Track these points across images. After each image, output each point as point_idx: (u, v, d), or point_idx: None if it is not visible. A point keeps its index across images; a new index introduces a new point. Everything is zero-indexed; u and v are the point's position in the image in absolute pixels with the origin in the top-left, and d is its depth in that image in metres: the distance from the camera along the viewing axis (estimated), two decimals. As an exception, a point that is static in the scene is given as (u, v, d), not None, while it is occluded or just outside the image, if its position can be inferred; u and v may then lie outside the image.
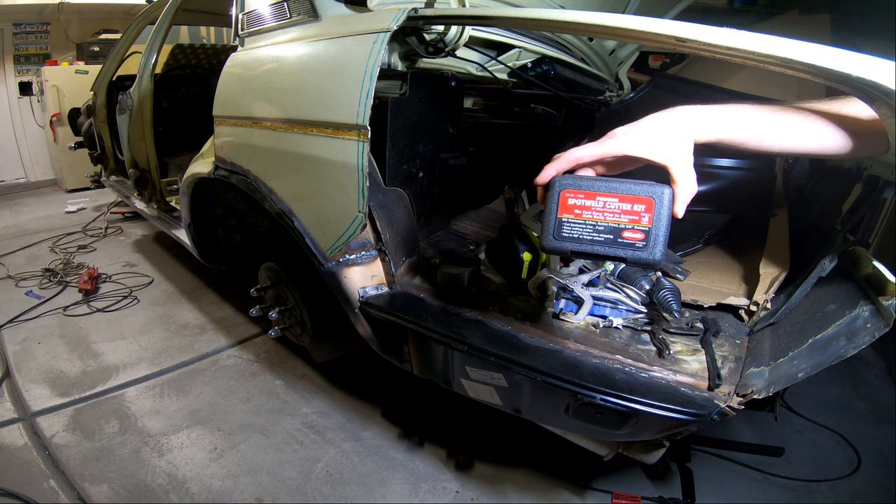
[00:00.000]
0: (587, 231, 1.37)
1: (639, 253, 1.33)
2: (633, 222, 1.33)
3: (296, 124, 2.34)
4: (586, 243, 1.37)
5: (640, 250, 1.33)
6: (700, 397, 1.69)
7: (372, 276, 2.33)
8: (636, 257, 1.34)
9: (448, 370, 2.15)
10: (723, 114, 1.36)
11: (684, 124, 1.34)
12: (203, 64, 6.34)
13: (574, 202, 1.36)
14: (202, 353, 3.85)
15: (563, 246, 1.38)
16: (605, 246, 1.36)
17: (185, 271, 5.33)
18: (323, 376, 3.55)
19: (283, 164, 2.49)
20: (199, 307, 4.58)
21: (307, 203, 2.40)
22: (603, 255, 1.37)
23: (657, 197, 1.30)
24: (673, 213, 1.30)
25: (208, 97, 2.91)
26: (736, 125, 1.36)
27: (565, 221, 1.38)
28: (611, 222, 1.35)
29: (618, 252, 1.35)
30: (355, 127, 2.05)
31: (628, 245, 1.34)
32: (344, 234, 2.22)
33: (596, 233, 1.36)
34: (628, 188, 1.32)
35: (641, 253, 1.33)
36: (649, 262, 1.34)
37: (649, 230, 1.32)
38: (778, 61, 1.30)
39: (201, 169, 3.09)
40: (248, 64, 2.78)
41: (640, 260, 1.34)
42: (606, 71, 3.93)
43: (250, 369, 3.65)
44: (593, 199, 1.35)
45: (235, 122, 2.73)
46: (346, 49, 2.20)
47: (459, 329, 2.03)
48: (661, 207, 1.30)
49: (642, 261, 1.34)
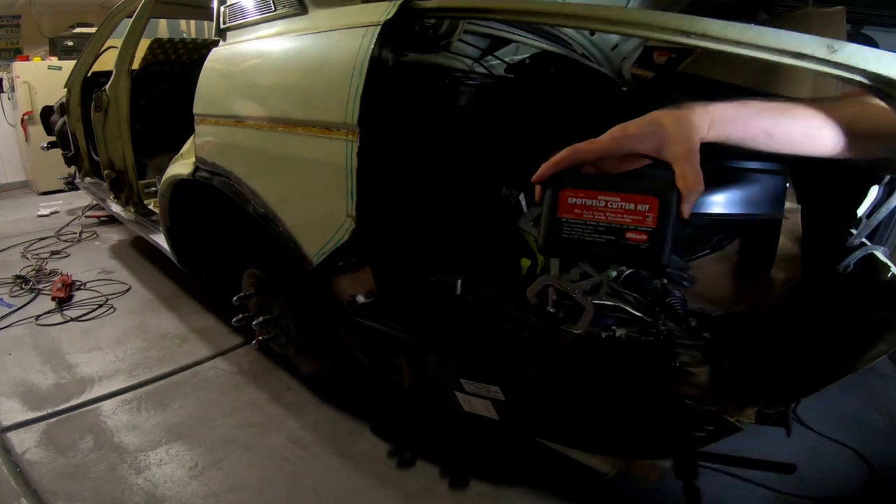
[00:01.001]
0: (587, 232, 1.33)
1: (642, 255, 1.29)
2: (637, 222, 1.30)
3: (281, 123, 2.34)
4: (586, 245, 1.33)
5: (643, 252, 1.29)
6: (707, 411, 1.69)
7: (361, 283, 2.33)
8: (640, 260, 1.30)
9: (442, 383, 2.15)
10: (730, 111, 1.34)
11: (690, 121, 1.33)
12: (183, 59, 6.32)
13: (574, 201, 1.34)
14: (182, 365, 3.83)
15: (563, 248, 1.36)
16: (606, 248, 1.32)
17: (163, 278, 5.31)
18: (309, 389, 3.54)
19: (267, 165, 2.49)
20: (179, 316, 4.56)
21: (293, 206, 2.40)
22: (603, 257, 1.35)
23: (662, 196, 1.28)
24: (679, 213, 1.27)
25: (188, 94, 2.91)
26: (743, 123, 1.34)
27: (565, 222, 1.35)
28: (613, 222, 1.31)
29: (620, 254, 1.32)
30: (344, 126, 2.05)
31: (631, 247, 1.30)
32: (331, 239, 2.22)
33: (597, 234, 1.33)
34: (632, 186, 1.31)
35: (645, 255, 1.29)
36: (654, 265, 1.30)
37: (653, 231, 1.28)
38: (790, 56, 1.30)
39: (181, 170, 3.09)
40: (230, 59, 2.78)
41: (643, 262, 1.32)
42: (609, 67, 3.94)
43: (233, 382, 3.64)
44: (594, 199, 1.33)
45: (217, 120, 2.74)
46: (335, 44, 2.21)
47: (454, 339, 2.03)
48: (666, 207, 1.27)
49: (646, 263, 1.32)
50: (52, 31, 9.46)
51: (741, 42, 1.36)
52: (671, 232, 1.28)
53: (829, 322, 1.77)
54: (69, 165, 6.25)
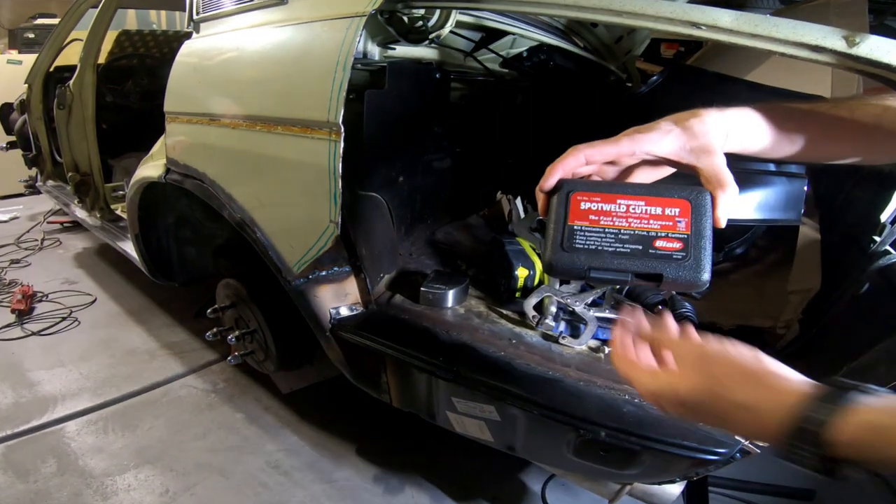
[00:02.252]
0: (608, 241, 1.14)
1: (679, 268, 1.09)
2: (667, 228, 1.13)
3: (258, 122, 2.34)
4: (607, 256, 1.12)
5: (680, 263, 1.09)
6: (720, 433, 1.68)
7: (345, 294, 2.33)
8: (676, 275, 1.10)
9: (432, 402, 2.15)
10: (748, 120, 1.31)
11: (711, 125, 1.29)
12: (153, 53, 6.31)
13: (589, 206, 1.17)
14: (152, 383, 3.81)
15: (576, 261, 1.13)
16: (633, 259, 1.12)
17: (132, 289, 5.29)
18: (290, 409, 3.53)
19: (244, 166, 2.48)
20: (149, 330, 4.54)
21: (272, 211, 2.40)
22: (631, 271, 1.12)
23: (695, 200, 1.14)
24: (714, 220, 1.15)
25: (159, 91, 2.91)
26: (762, 133, 1.31)
27: (578, 230, 1.15)
28: (637, 229, 1.13)
29: (651, 267, 1.11)
30: (326, 125, 2.04)
31: (663, 257, 1.11)
32: (313, 246, 2.22)
33: (619, 243, 1.13)
34: (656, 191, 1.17)
35: (682, 267, 1.09)
36: (692, 281, 1.10)
37: (688, 238, 1.11)
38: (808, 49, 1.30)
39: (151, 172, 3.08)
40: (204, 53, 2.78)
41: (680, 278, 1.10)
42: (613, 61, 3.94)
43: (207, 401, 3.63)
44: (613, 203, 1.16)
45: (190, 119, 2.73)
46: (316, 36, 2.20)
47: (445, 355, 2.03)
48: (700, 212, 1.13)
49: (684, 279, 1.10)
50: (11, 22, 9.44)
51: (755, 34, 1.35)
52: (711, 238, 1.13)
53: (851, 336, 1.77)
54: (30, 167, 6.24)
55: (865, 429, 0.88)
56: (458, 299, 2.34)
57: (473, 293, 2.45)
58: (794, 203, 2.87)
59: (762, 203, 2.74)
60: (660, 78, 3.53)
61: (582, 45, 3.57)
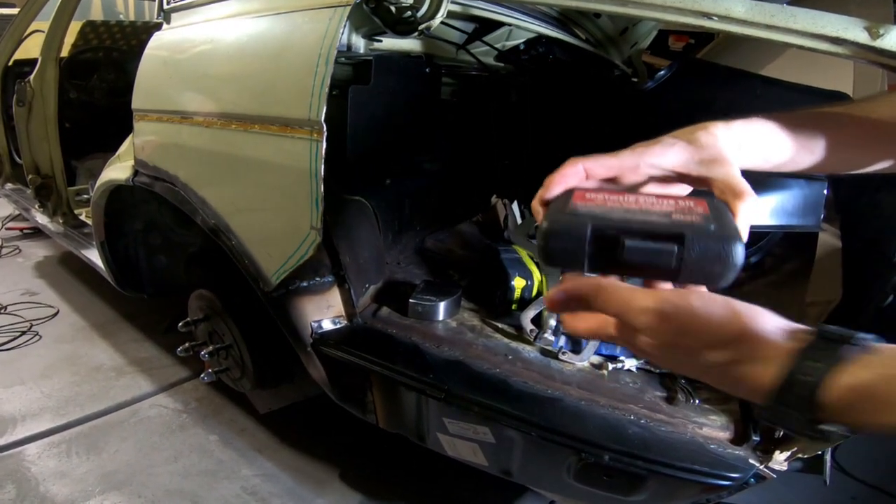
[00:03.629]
0: (615, 206, 0.98)
1: (703, 234, 0.88)
2: (686, 210, 0.95)
3: (234, 120, 2.33)
4: (615, 213, 0.95)
5: (703, 229, 0.89)
6: (732, 456, 1.68)
7: (328, 306, 2.32)
8: (701, 243, 0.87)
9: (422, 423, 2.14)
10: (759, 131, 1.27)
11: (720, 136, 1.26)
12: (120, 45, 6.30)
13: (593, 196, 1.02)
14: (119, 402, 3.80)
15: (575, 221, 0.93)
16: (646, 217, 0.93)
17: (97, 301, 5.28)
18: (268, 430, 3.53)
19: (218, 168, 2.48)
20: (115, 345, 4.53)
21: (248, 217, 2.39)
22: (641, 228, 0.90)
23: (712, 201, 1.00)
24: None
25: (126, 86, 2.90)
26: (778, 145, 1.27)
27: (581, 204, 1.01)
28: (650, 208, 0.96)
29: (669, 228, 0.90)
30: (307, 123, 2.04)
31: (683, 223, 0.91)
32: (293, 254, 2.21)
33: (628, 210, 0.97)
34: (666, 199, 1.01)
35: (707, 234, 0.88)
36: (721, 254, 0.87)
37: (709, 215, 0.93)
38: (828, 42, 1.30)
39: (118, 175, 3.08)
40: (175, 45, 2.78)
41: (706, 250, 0.87)
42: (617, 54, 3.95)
43: (178, 421, 3.62)
44: (620, 196, 1.02)
45: (160, 117, 2.73)
46: (297, 27, 2.20)
47: (436, 372, 2.03)
48: (721, 210, 0.98)
49: (711, 251, 0.87)
50: (-34, 11, 9.44)
51: (771, 25, 1.36)
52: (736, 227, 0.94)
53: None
54: (-14, 169, 6.24)
55: (854, 391, 0.85)
56: (449, 312, 2.34)
57: (466, 305, 2.45)
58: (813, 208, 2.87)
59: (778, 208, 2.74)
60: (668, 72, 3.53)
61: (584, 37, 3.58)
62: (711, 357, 0.94)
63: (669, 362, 0.99)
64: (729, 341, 0.93)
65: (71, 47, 5.95)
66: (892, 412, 0.82)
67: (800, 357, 0.88)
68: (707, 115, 1.20)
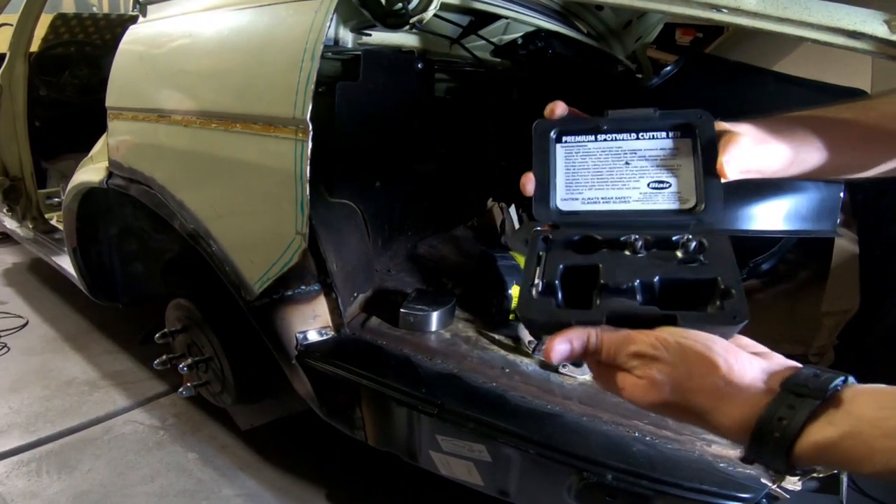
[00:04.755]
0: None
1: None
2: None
3: (214, 119, 2.33)
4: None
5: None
6: (743, 475, 1.68)
7: (314, 316, 2.32)
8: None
9: (413, 440, 2.14)
10: (758, 133, 1.28)
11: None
12: (93, 40, 6.28)
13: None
14: (92, 418, 3.79)
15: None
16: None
17: (69, 310, 5.27)
18: (250, 448, 3.52)
19: (197, 170, 2.48)
20: (88, 357, 4.52)
21: (229, 221, 2.39)
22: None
23: (699, 121, 1.20)
24: (718, 167, 1.14)
25: (100, 83, 2.90)
26: (778, 148, 1.28)
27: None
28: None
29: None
30: (292, 122, 2.04)
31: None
32: (277, 261, 2.21)
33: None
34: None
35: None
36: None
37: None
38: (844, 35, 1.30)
39: (91, 177, 3.07)
40: (151, 40, 2.78)
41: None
42: (620, 49, 3.95)
43: (155, 439, 3.61)
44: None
45: (135, 115, 2.73)
46: (281, 20, 2.20)
47: (428, 386, 2.02)
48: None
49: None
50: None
51: (784, 18, 1.36)
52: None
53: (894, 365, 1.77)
54: (-49, 171, 6.23)
55: (820, 448, 0.89)
56: (443, 322, 2.34)
57: (461, 315, 2.45)
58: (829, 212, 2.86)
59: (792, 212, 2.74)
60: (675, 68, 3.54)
61: (585, 30, 3.58)
62: (697, 400, 0.98)
63: (666, 396, 1.00)
64: (705, 385, 0.97)
65: (41, 41, 5.92)
66: (861, 465, 0.85)
67: (770, 410, 0.92)
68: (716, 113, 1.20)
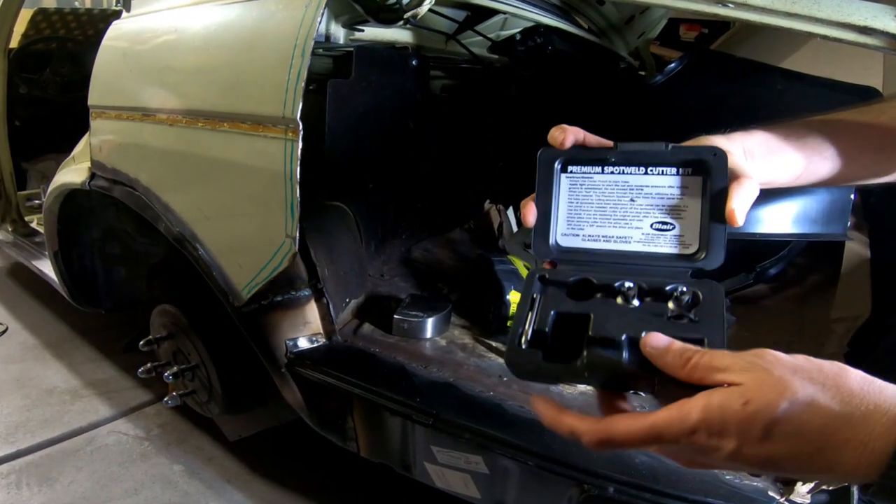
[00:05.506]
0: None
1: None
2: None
3: (201, 117, 2.33)
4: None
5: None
6: (750, 488, 1.68)
7: (304, 323, 2.32)
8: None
9: (408, 451, 2.14)
10: (765, 141, 1.26)
11: (716, 141, 1.24)
12: (75, 35, 6.27)
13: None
14: (74, 429, 3.79)
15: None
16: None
17: (50, 317, 5.26)
18: (238, 459, 3.51)
19: (183, 171, 2.48)
20: (70, 365, 4.51)
21: (217, 224, 2.39)
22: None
23: (713, 160, 1.14)
24: (728, 214, 1.08)
25: (82, 81, 2.90)
26: (784, 161, 1.27)
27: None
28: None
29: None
30: (282, 121, 2.04)
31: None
32: (266, 266, 2.21)
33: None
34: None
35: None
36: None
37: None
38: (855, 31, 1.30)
39: (73, 178, 3.07)
40: (135, 36, 2.77)
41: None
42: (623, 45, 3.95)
43: (139, 450, 3.61)
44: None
45: (119, 114, 2.72)
46: (270, 15, 2.20)
47: (423, 395, 2.02)
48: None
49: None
50: None
51: (792, 13, 1.36)
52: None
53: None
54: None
55: None
56: (438, 329, 2.34)
57: (457, 322, 2.45)
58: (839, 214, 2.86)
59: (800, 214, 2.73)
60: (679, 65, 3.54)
61: (586, 25, 3.58)
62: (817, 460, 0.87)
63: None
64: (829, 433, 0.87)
65: (21, 37, 5.91)
66: None
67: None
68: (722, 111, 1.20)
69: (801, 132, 1.25)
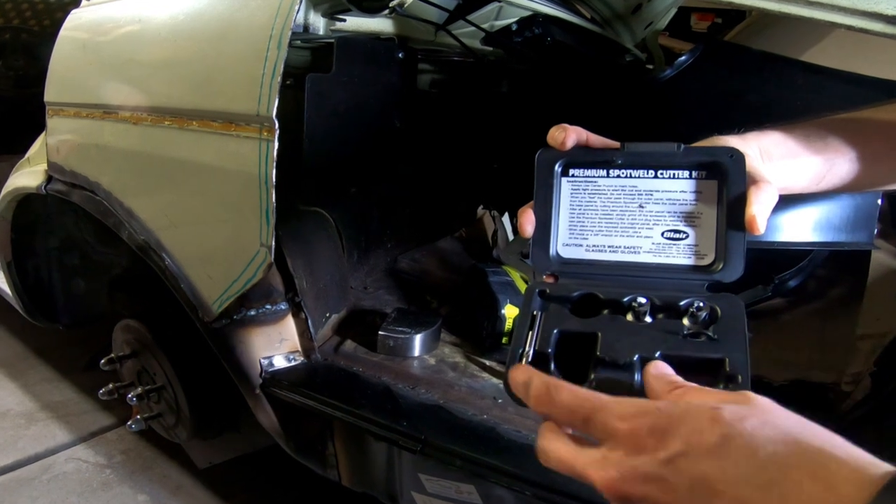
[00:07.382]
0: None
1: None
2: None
3: (168, 115, 2.33)
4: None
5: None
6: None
7: (281, 339, 2.32)
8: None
9: (393, 480, 2.14)
10: (782, 143, 1.24)
11: (730, 142, 1.24)
12: (30, 25, 6.27)
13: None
14: (29, 455, 3.78)
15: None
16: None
17: (2, 333, 5.24)
18: (208, 488, 3.50)
19: (148, 174, 2.48)
20: (24, 386, 4.50)
21: (185, 232, 2.39)
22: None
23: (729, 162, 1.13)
24: (748, 220, 1.08)
25: (38, 75, 2.89)
26: (801, 163, 1.26)
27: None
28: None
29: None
30: (256, 119, 2.04)
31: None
32: (239, 277, 2.21)
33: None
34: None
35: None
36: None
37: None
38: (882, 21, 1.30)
39: (28, 181, 3.07)
40: (96, 26, 2.77)
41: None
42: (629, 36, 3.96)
43: (100, 478, 3.60)
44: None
45: (78, 111, 2.72)
46: (243, 3, 2.20)
47: (410, 419, 2.02)
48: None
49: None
50: None
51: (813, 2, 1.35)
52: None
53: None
54: None
55: None
56: (427, 346, 2.34)
57: (447, 338, 2.45)
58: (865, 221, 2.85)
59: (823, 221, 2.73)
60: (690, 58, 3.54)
61: (588, 15, 3.59)
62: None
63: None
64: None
65: (-30, 28, 5.94)
66: None
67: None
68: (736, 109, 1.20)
69: (822, 132, 1.24)
